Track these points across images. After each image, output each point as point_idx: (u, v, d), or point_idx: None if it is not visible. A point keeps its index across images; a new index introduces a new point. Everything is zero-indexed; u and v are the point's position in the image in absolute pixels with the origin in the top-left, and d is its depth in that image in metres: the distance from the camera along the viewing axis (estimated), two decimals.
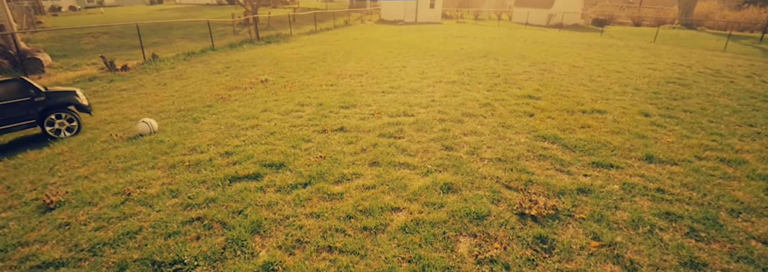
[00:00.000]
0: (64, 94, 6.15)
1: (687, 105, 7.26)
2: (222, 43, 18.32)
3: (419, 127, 5.75)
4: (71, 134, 6.11)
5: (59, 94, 6.07)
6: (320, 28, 25.39)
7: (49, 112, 5.86)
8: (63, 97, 6.10)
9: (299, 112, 6.74)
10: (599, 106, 7.00)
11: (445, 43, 17.16)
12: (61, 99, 6.05)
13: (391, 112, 6.57)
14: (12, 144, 6.13)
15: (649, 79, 9.60)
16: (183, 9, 39.49)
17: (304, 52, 14.59)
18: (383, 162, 4.48)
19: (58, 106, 5.99)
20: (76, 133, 6.15)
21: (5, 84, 5.57)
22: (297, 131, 5.68)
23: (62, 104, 6.05)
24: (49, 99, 5.85)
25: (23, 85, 5.65)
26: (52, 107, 5.90)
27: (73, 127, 6.17)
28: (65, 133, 6.08)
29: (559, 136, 5.39)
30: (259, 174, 4.23)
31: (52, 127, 5.97)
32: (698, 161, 4.78)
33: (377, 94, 7.90)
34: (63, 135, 6.03)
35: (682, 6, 33.80)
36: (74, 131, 6.16)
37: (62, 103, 6.05)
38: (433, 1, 32.65)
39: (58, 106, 5.99)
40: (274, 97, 7.79)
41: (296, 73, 10.39)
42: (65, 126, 6.09)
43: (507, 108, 6.82)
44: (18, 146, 5.96)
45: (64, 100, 6.09)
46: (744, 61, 13.69)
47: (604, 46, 16.87)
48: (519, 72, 10.21)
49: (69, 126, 6.14)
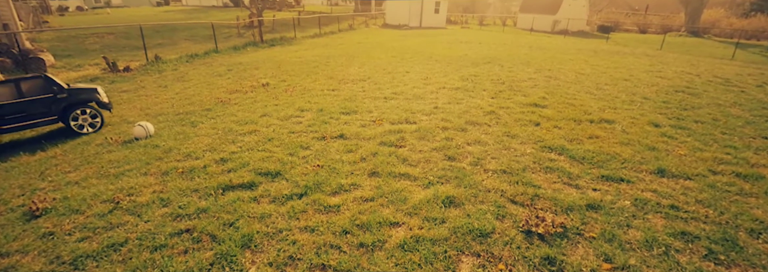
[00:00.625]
0: (85, 91, 6.28)
1: (698, 115, 7.06)
2: (226, 46, 18.28)
3: (421, 136, 5.58)
4: (94, 130, 6.25)
5: (81, 91, 6.20)
6: (324, 32, 25.38)
7: (71, 108, 6.00)
8: (85, 94, 6.23)
9: (299, 117, 6.59)
10: (607, 115, 6.81)
11: (449, 48, 17.03)
12: (83, 96, 6.18)
13: (392, 118, 6.41)
14: (6, 146, 6.01)
15: (658, 87, 9.40)
16: (188, 11, 39.71)
17: (307, 56, 14.50)
18: (383, 173, 4.31)
19: (80, 102, 6.10)
20: (99, 129, 6.30)
21: (29, 80, 5.67)
22: (295, 138, 5.52)
23: (84, 101, 6.17)
24: (71, 96, 5.98)
25: (47, 81, 5.76)
26: (74, 104, 6.03)
27: (96, 122, 6.30)
28: (88, 128, 6.23)
29: (567, 146, 5.21)
30: (254, 183, 4.07)
31: (76, 122, 6.10)
32: (713, 175, 4.58)
33: (379, 99, 7.75)
34: (86, 130, 6.18)
35: (689, 13, 33.58)
36: (97, 127, 6.30)
37: (84, 99, 6.17)
38: (438, 6, 32.62)
39: (80, 102, 6.10)
40: (275, 102, 7.65)
41: (298, 77, 10.27)
42: (88, 122, 6.23)
43: (512, 116, 6.64)
44: (12, 149, 5.83)
45: (86, 97, 6.21)
46: (754, 69, 13.46)
47: (610, 53, 16.68)
48: (524, 79, 10.04)
49: (92, 122, 6.27)
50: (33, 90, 5.67)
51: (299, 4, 54.40)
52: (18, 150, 5.70)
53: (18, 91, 5.54)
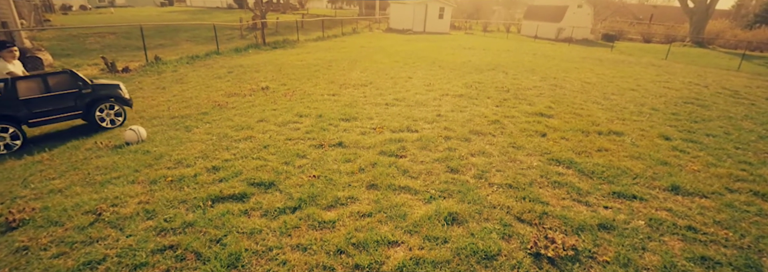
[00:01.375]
0: (108, 86, 6.41)
1: (709, 128, 6.84)
2: (227, 47, 18.15)
3: (423, 145, 5.37)
4: (117, 125, 6.44)
5: (104, 87, 6.34)
6: (328, 35, 25.27)
7: (96, 103, 6.17)
8: (108, 89, 6.36)
9: (297, 123, 6.38)
10: (616, 126, 6.59)
11: (453, 54, 16.87)
12: (106, 91, 6.31)
13: (393, 126, 6.20)
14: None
15: (666, 98, 9.19)
16: (192, 11, 39.75)
17: (309, 59, 14.34)
18: (382, 185, 4.09)
19: (103, 98, 6.25)
20: (121, 124, 6.48)
21: (55, 75, 5.78)
22: (292, 145, 5.31)
23: (107, 96, 6.30)
24: (95, 91, 6.13)
25: (72, 77, 5.89)
26: (98, 99, 6.18)
27: (120, 118, 6.49)
28: (115, 120, 6.45)
29: (575, 159, 4.98)
30: (246, 194, 3.85)
31: (101, 116, 6.27)
32: (729, 194, 4.35)
33: (380, 106, 7.55)
34: (107, 124, 6.35)
35: (694, 24, 33.48)
36: (119, 123, 6.47)
37: (107, 95, 6.30)
38: (442, 12, 32.59)
39: (103, 98, 6.25)
40: (273, 106, 7.45)
41: (299, 81, 10.09)
42: (111, 117, 6.40)
43: (517, 126, 6.43)
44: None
45: (109, 92, 6.34)
46: (762, 82, 13.25)
47: (615, 62, 16.50)
48: (529, 87, 9.84)
49: (113, 119, 6.43)
50: (59, 85, 5.76)
51: (303, 7, 54.57)
52: (3, 154, 5.50)
53: (46, 85, 5.62)
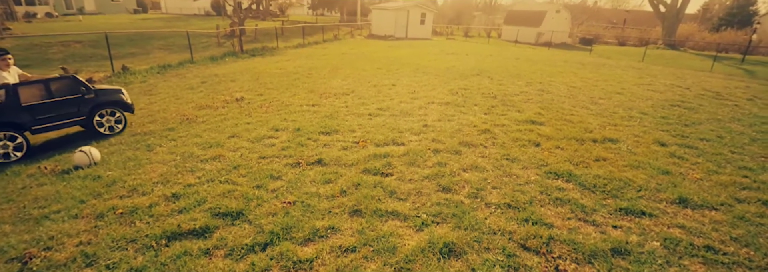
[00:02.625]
0: (111, 92, 6.33)
1: (701, 132, 6.65)
2: (203, 56, 17.43)
3: (411, 160, 4.93)
4: (117, 132, 6.28)
5: (107, 92, 6.26)
6: (308, 42, 24.76)
7: (97, 109, 6.05)
8: (110, 95, 6.28)
9: (272, 138, 5.86)
10: (609, 133, 6.32)
11: (436, 59, 16.63)
12: (109, 97, 6.23)
13: (378, 139, 5.76)
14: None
15: (653, 101, 9.06)
16: (168, 19, 38.61)
17: (288, 67, 13.81)
18: (367, 211, 3.62)
19: (105, 103, 6.16)
20: (121, 131, 6.33)
21: (58, 81, 5.65)
22: (266, 164, 4.79)
23: (110, 102, 6.21)
24: (97, 96, 6.04)
25: (74, 82, 5.79)
26: (100, 104, 6.08)
27: (120, 124, 6.34)
28: (111, 129, 6.26)
29: (574, 172, 4.64)
30: (209, 228, 3.32)
31: (100, 120, 6.12)
32: (739, 204, 4.06)
33: (363, 116, 7.10)
34: (105, 131, 6.20)
35: (666, 27, 34.45)
36: (119, 130, 6.31)
37: (109, 100, 6.21)
38: (424, 18, 32.56)
39: (105, 103, 6.16)
40: (247, 120, 6.91)
41: (276, 91, 9.55)
42: (111, 123, 6.24)
43: (509, 135, 6.08)
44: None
45: (111, 98, 6.26)
46: (738, 82, 13.43)
47: (597, 66, 16.56)
48: (516, 92, 9.58)
49: (113, 125, 6.27)
50: (62, 90, 5.64)
51: (284, 14, 53.91)
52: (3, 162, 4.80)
53: (48, 91, 5.48)
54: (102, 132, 6.14)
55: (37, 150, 5.56)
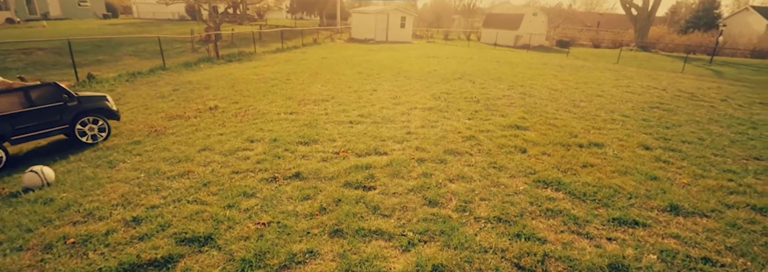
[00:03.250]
0: (95, 99, 6.16)
1: (682, 135, 6.67)
2: (176, 62, 16.82)
3: (394, 171, 4.69)
4: (100, 140, 6.06)
5: (90, 99, 6.08)
6: (287, 47, 24.32)
7: (80, 116, 5.86)
8: (94, 102, 6.10)
9: (247, 150, 5.52)
10: (594, 137, 6.25)
11: (417, 63, 16.51)
12: (93, 104, 6.06)
13: (359, 149, 5.50)
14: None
15: (633, 104, 9.13)
16: (139, 24, 37.29)
17: (266, 73, 13.41)
18: (349, 231, 3.35)
19: (89, 111, 5.98)
20: (105, 138, 6.13)
21: (39, 88, 5.49)
22: (239, 180, 4.46)
23: (93, 109, 6.05)
24: (80, 104, 5.86)
25: (56, 89, 5.62)
26: (83, 112, 5.90)
27: (102, 133, 6.12)
28: (98, 135, 6.07)
29: (562, 180, 4.49)
30: (172, 257, 2.98)
31: (82, 129, 5.91)
32: (728, 210, 3.98)
33: (344, 124, 6.83)
34: (91, 140, 5.98)
35: (638, 30, 35.53)
36: (103, 138, 6.10)
37: (93, 108, 6.04)
38: (404, 21, 32.58)
39: (89, 111, 5.98)
40: (220, 130, 6.53)
41: (253, 98, 9.18)
42: (95, 131, 6.05)
43: (494, 141, 5.92)
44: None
45: (95, 105, 6.09)
46: (710, 83, 13.81)
47: (575, 68, 16.78)
48: (498, 96, 9.49)
49: (96, 134, 6.06)
50: (43, 98, 5.47)
51: (262, 18, 53.06)
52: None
53: (28, 99, 5.31)
54: (85, 141, 5.90)
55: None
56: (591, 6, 76.91)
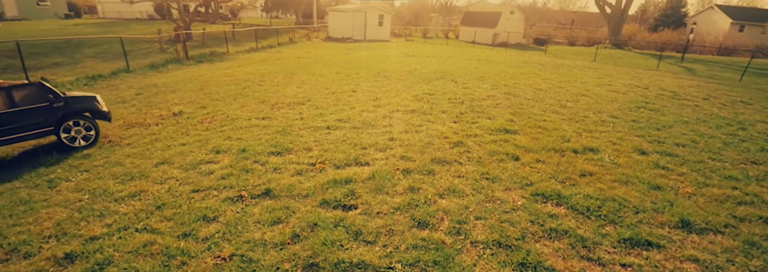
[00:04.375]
0: (83, 99, 5.85)
1: (675, 137, 6.45)
2: (142, 63, 15.78)
3: (377, 185, 4.20)
4: (87, 143, 5.68)
5: (78, 100, 5.76)
6: (262, 46, 23.41)
7: (67, 118, 5.52)
8: (82, 102, 5.79)
9: (211, 163, 4.91)
10: (587, 141, 5.94)
11: (397, 62, 16.06)
12: (81, 105, 5.75)
13: (338, 159, 4.98)
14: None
15: (619, 103, 8.94)
16: (104, 24, 35.35)
17: (238, 74, 12.65)
18: (327, 264, 2.83)
19: (76, 112, 5.66)
20: (93, 142, 5.75)
21: (23, 88, 5.21)
22: (199, 201, 3.87)
23: (81, 110, 5.73)
24: (67, 104, 5.57)
25: (42, 89, 5.35)
26: (70, 113, 5.58)
27: (90, 135, 5.74)
28: (81, 141, 5.64)
29: (562, 192, 4.11)
30: None
31: (68, 135, 5.54)
32: (742, 224, 3.69)
33: (321, 130, 6.28)
34: (78, 143, 5.60)
35: (612, 28, 36.27)
36: (91, 140, 5.73)
37: (81, 109, 5.74)
38: (382, 19, 32.08)
39: (76, 112, 5.66)
40: (183, 140, 5.88)
41: (222, 102, 8.49)
42: (82, 134, 5.66)
43: (484, 148, 5.51)
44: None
45: (83, 105, 5.78)
46: (688, 81, 13.93)
47: (556, 66, 16.71)
48: (483, 97, 9.14)
49: (86, 134, 5.69)
50: (27, 98, 5.19)
51: (236, 17, 51.45)
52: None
53: (9, 100, 5.04)
54: (72, 145, 5.52)
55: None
56: (565, 4, 78.55)
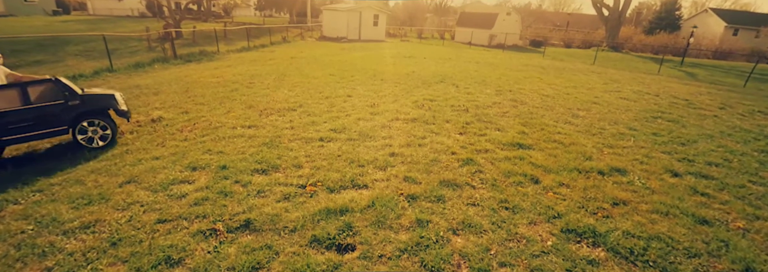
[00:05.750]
0: (101, 97, 5.56)
1: (703, 154, 5.87)
2: (127, 62, 14.93)
3: (378, 217, 3.54)
4: (104, 144, 5.43)
5: (96, 98, 5.48)
6: (254, 45, 22.61)
7: (83, 117, 5.28)
8: (100, 101, 5.51)
9: (185, 183, 4.21)
10: (611, 159, 5.33)
11: (393, 63, 15.41)
12: (98, 103, 5.47)
13: (332, 180, 4.31)
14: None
15: (633, 113, 8.38)
16: (93, 21, 34.21)
17: (227, 75, 11.91)
18: None
19: (93, 111, 5.39)
20: (109, 142, 5.48)
21: (37, 84, 4.97)
22: (164, 236, 3.17)
23: (99, 109, 5.46)
24: (84, 103, 5.29)
25: (58, 86, 5.11)
26: (87, 112, 5.32)
27: (107, 135, 5.47)
28: (99, 141, 5.41)
29: (597, 228, 3.49)
30: None
31: (84, 136, 5.32)
32: None
33: (313, 142, 5.61)
34: (96, 144, 5.38)
35: (609, 30, 35.98)
36: (107, 141, 5.47)
37: (99, 107, 5.46)
38: (377, 19, 31.41)
39: (93, 111, 5.39)
40: (156, 152, 5.16)
41: (207, 107, 7.77)
42: (99, 134, 5.40)
43: (497, 166, 4.88)
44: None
45: (102, 104, 5.50)
46: (695, 87, 13.46)
47: (558, 70, 16.19)
48: (488, 104, 8.52)
49: (103, 134, 5.43)
50: (42, 95, 4.99)
51: (228, 15, 50.38)
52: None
53: (24, 96, 4.84)
54: (89, 145, 5.29)
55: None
56: (559, 6, 78.50)
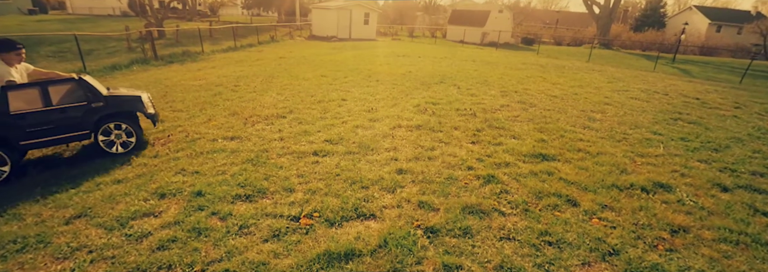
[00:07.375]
0: (127, 99, 5.11)
1: (741, 161, 5.27)
2: (103, 64, 13.90)
3: (394, 264, 2.78)
4: (125, 150, 5.02)
5: (121, 100, 5.03)
6: (241, 45, 21.60)
7: (105, 120, 4.84)
8: (125, 103, 5.06)
9: (149, 217, 3.41)
10: (648, 172, 4.68)
11: (388, 63, 14.67)
12: (123, 105, 5.04)
13: (332, 208, 3.55)
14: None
15: (650, 115, 7.79)
16: (71, 20, 32.70)
17: (211, 77, 11.01)
18: None
19: (118, 114, 4.96)
20: (132, 149, 5.06)
21: (59, 84, 4.50)
22: None
23: (124, 112, 5.04)
24: (108, 105, 4.85)
25: (80, 86, 4.66)
26: (111, 115, 4.89)
27: (130, 142, 5.04)
28: (119, 148, 4.99)
29: (666, 268, 2.81)
30: None
31: (106, 138, 4.89)
32: None
33: (306, 158, 4.84)
34: (116, 149, 4.96)
35: (600, 27, 35.78)
36: (129, 147, 5.05)
37: (123, 111, 5.03)
38: (368, 18, 30.61)
39: (118, 114, 4.96)
40: (119, 174, 4.32)
41: (185, 113, 6.93)
42: (121, 139, 4.99)
43: (523, 184, 4.18)
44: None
45: (126, 107, 5.07)
46: (700, 86, 13.03)
47: (558, 68, 15.64)
48: (496, 107, 7.84)
49: (125, 140, 5.01)
50: (64, 96, 4.56)
51: (215, 14, 48.97)
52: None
53: (45, 97, 4.40)
54: (109, 150, 4.92)
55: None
56: (548, 4, 78.66)
